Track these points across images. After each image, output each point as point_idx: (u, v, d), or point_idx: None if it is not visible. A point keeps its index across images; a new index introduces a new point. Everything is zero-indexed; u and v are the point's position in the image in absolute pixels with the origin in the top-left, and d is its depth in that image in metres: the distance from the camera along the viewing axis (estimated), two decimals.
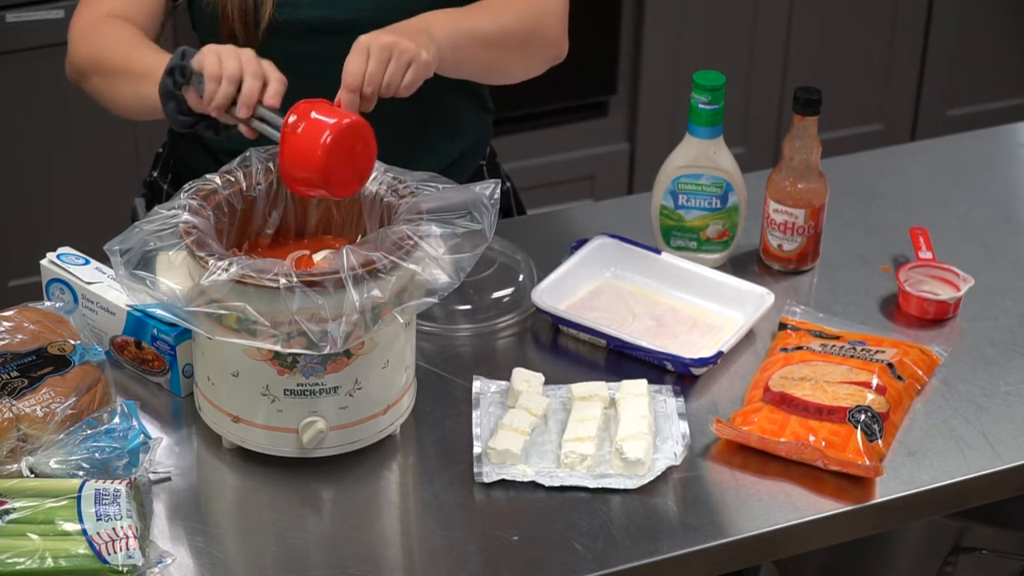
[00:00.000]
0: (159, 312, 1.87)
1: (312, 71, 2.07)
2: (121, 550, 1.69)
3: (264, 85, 1.90)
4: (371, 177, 1.91)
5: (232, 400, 1.85)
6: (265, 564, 1.77)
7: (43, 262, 2.02)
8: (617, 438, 1.89)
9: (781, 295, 2.16)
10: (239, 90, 1.89)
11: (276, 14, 2.14)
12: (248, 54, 1.91)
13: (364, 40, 1.94)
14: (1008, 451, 1.94)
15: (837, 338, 2.06)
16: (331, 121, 1.83)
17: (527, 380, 1.97)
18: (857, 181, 2.44)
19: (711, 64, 3.27)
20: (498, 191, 1.86)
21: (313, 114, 1.84)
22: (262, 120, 1.89)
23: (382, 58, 1.93)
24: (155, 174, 2.41)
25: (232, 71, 1.89)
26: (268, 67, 1.91)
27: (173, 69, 1.93)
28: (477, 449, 1.89)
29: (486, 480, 1.86)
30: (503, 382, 2.00)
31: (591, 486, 1.86)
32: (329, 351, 1.75)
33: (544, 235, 2.32)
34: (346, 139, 1.84)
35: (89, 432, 1.81)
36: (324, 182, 1.83)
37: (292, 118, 1.84)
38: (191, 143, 2.30)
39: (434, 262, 1.81)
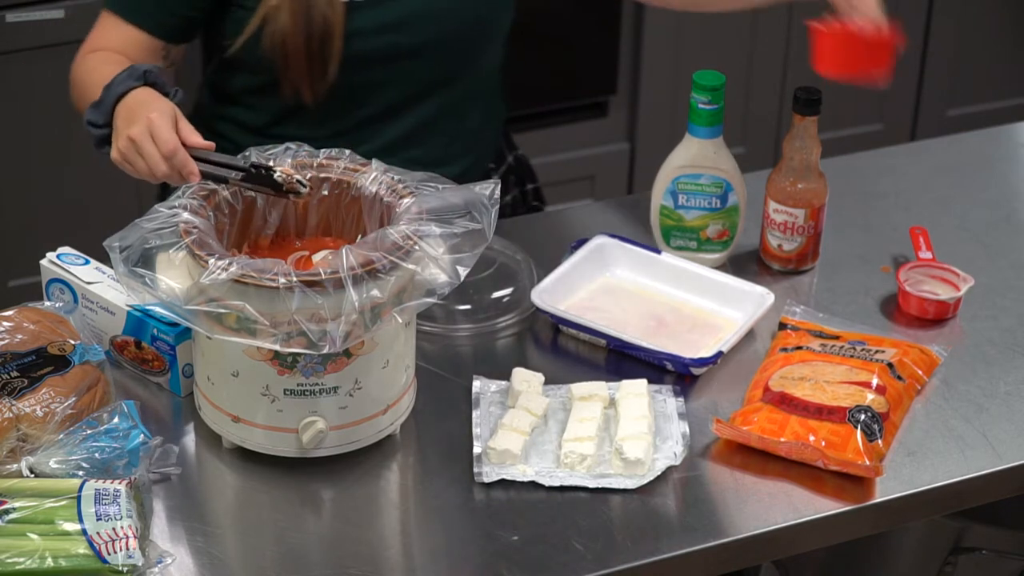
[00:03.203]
0: (157, 310, 1.87)
1: (371, 97, 2.19)
2: (121, 550, 1.69)
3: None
4: (371, 177, 1.92)
5: (232, 400, 1.85)
6: (265, 564, 1.77)
7: (43, 262, 2.02)
8: (617, 438, 1.89)
9: (781, 295, 2.16)
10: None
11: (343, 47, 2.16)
12: (158, 138, 1.92)
13: None
14: (1008, 451, 1.94)
15: (837, 338, 2.06)
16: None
17: (527, 380, 1.97)
18: (857, 181, 2.44)
19: (711, 64, 3.27)
20: (498, 191, 1.87)
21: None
22: (204, 161, 1.91)
23: None
24: None
25: (163, 172, 1.91)
26: (171, 133, 1.92)
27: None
28: (477, 449, 1.89)
29: (486, 480, 1.86)
30: (503, 382, 2.00)
31: (591, 486, 1.86)
32: (328, 351, 1.75)
33: (544, 235, 2.32)
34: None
35: (89, 432, 1.81)
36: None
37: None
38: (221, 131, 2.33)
39: (434, 262, 1.81)
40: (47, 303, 1.96)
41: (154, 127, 1.91)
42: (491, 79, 2.37)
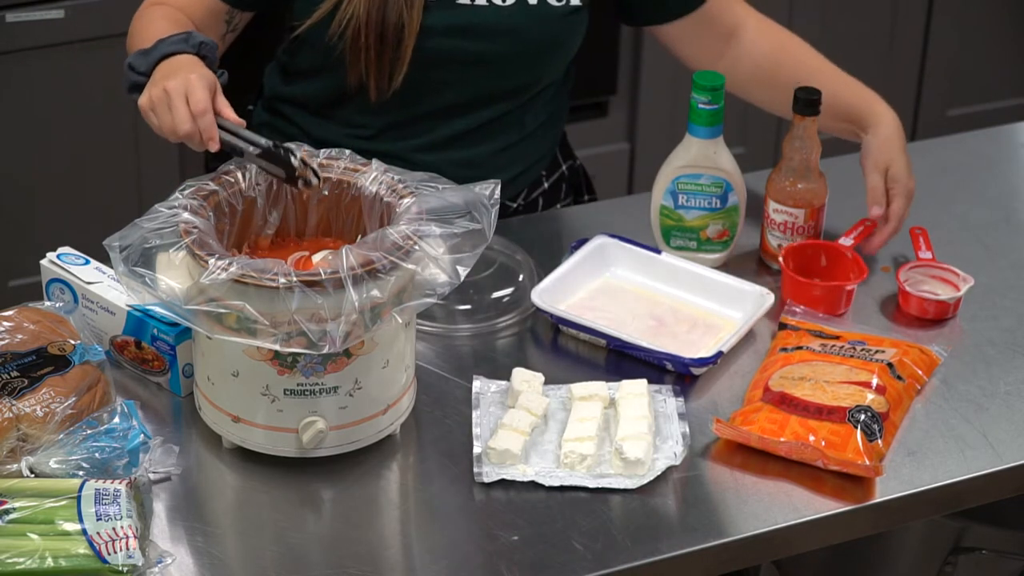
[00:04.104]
0: (157, 310, 1.87)
1: (431, 96, 2.19)
2: (121, 550, 1.69)
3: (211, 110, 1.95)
4: (372, 177, 1.92)
5: (232, 400, 1.85)
6: (265, 564, 1.77)
7: (43, 262, 2.02)
8: (617, 438, 1.89)
9: (781, 295, 2.16)
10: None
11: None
12: (192, 96, 1.94)
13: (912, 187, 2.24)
14: (1008, 451, 1.94)
15: (837, 338, 2.06)
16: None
17: (527, 380, 1.97)
18: (857, 181, 2.43)
19: None
20: (498, 191, 1.87)
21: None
22: (227, 131, 1.93)
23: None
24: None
25: (187, 130, 1.93)
26: (202, 91, 1.94)
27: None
28: (477, 449, 1.89)
29: (486, 480, 1.86)
30: (503, 382, 2.00)
31: (591, 486, 1.86)
32: (328, 351, 1.75)
33: (544, 235, 2.32)
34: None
35: (89, 432, 1.81)
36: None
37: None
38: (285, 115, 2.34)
39: (434, 262, 1.81)
40: (47, 303, 1.96)
41: (191, 86, 1.93)
42: (554, 92, 2.34)
